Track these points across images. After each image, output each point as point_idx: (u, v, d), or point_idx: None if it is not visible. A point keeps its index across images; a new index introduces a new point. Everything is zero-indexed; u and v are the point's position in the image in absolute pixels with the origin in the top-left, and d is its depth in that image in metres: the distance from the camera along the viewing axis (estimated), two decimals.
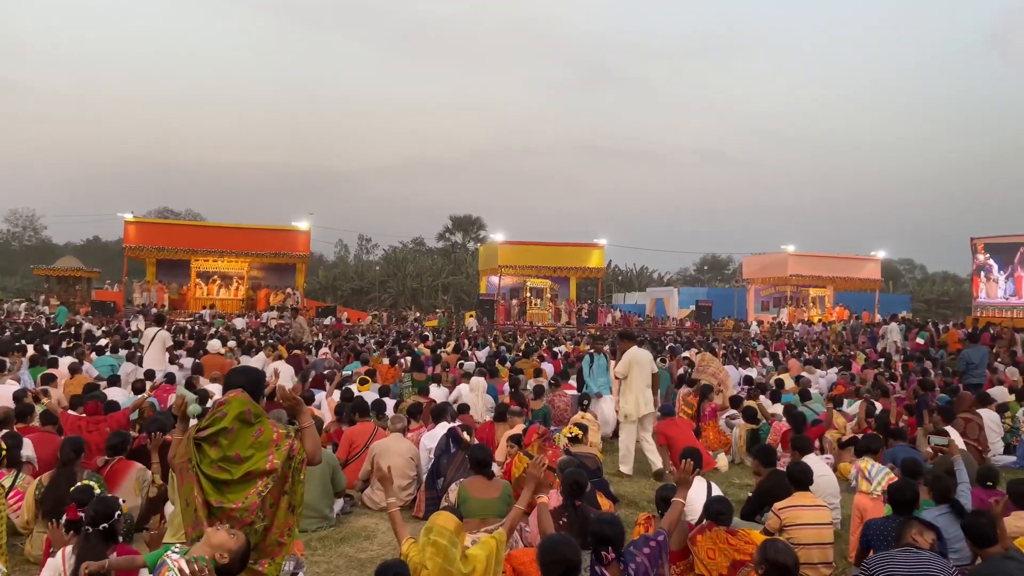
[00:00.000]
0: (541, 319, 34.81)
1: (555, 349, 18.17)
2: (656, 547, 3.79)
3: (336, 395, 9.71)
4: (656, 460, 8.38)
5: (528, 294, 36.32)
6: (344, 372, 11.94)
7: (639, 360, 8.55)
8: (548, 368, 13.66)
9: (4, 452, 5.56)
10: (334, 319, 30.49)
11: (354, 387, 9.97)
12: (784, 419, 8.81)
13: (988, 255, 22.40)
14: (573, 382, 11.81)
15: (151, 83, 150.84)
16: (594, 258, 37.77)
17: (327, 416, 8.99)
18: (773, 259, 37.47)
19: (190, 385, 9.50)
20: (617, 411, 8.85)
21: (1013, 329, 19.37)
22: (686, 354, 16.33)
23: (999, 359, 15.72)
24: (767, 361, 17.11)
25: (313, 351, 15.51)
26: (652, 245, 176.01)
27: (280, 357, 13.08)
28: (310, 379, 11.66)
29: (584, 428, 7.59)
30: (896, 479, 5.58)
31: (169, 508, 5.19)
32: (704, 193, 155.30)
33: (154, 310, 27.24)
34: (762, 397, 10.62)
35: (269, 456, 3.61)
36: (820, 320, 31.69)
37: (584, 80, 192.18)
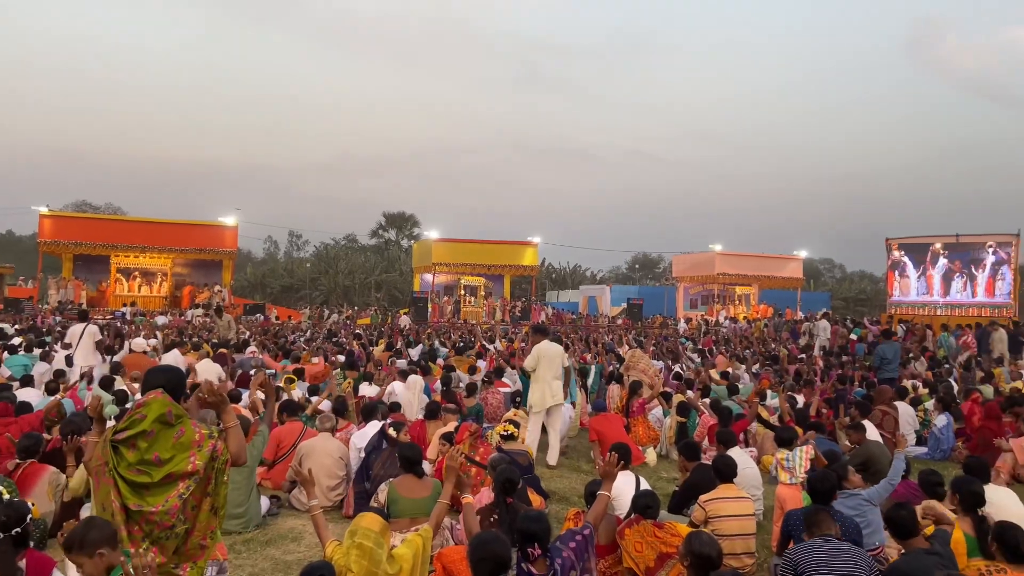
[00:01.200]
0: (475, 317, 34.80)
1: (488, 346, 18.18)
2: (582, 541, 3.83)
3: (260, 394, 9.49)
4: (553, 457, 8.59)
5: (462, 292, 36.26)
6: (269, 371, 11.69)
7: (547, 354, 8.68)
8: (482, 365, 13.67)
9: None
10: (262, 317, 29.79)
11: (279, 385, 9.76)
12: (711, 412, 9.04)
13: (903, 254, 23.46)
14: (507, 379, 11.85)
15: (71, 73, 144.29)
16: (528, 256, 37.98)
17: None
18: (701, 258, 38.38)
19: (107, 384, 9.12)
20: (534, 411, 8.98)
21: (925, 325, 20.35)
22: (619, 350, 16.60)
23: (911, 354, 16.49)
24: (695, 357, 17.50)
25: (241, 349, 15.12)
26: (585, 244, 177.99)
27: (208, 355, 12.71)
28: (236, 377, 11.36)
29: (517, 425, 7.62)
30: (814, 459, 5.80)
31: (85, 513, 4.98)
32: (635, 192, 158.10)
33: (69, 307, 26.07)
34: (689, 392, 10.87)
35: (191, 457, 3.50)
36: (745, 317, 32.62)
37: (517, 79, 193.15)
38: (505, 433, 7.16)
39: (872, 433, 8.26)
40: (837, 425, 9.42)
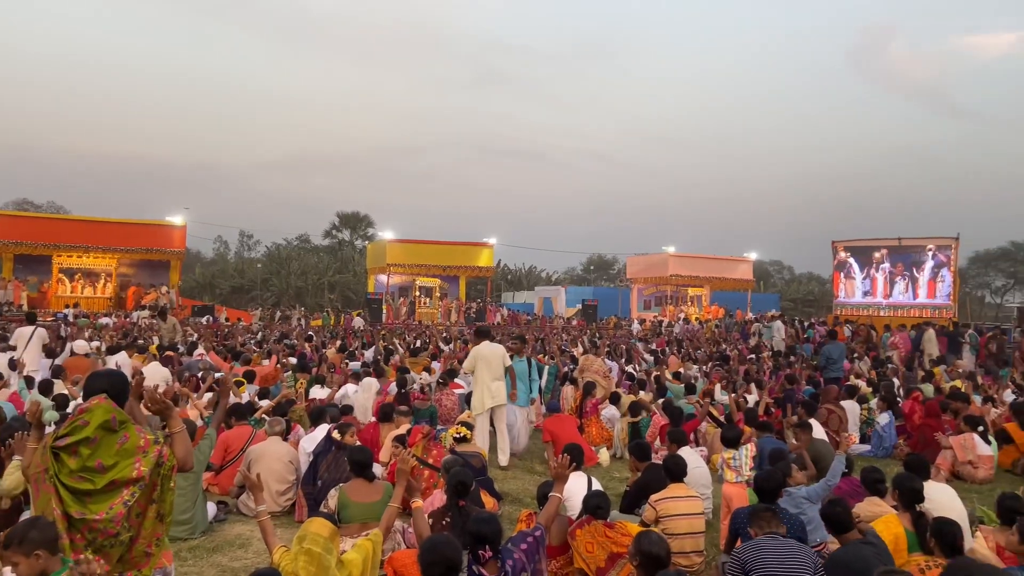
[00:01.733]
0: (431, 318, 34.64)
1: (444, 347, 18.12)
2: (533, 542, 3.85)
3: (207, 397, 9.34)
4: (503, 458, 8.64)
5: (417, 293, 36.06)
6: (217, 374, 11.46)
7: (485, 355, 8.71)
8: (437, 366, 13.61)
9: None
10: (211, 318, 29.19)
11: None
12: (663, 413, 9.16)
13: (848, 256, 24.08)
14: (461, 380, 11.82)
15: (8, 66, 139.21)
16: (484, 257, 37.96)
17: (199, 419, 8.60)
18: (655, 259, 38.85)
19: (46, 389, 8.83)
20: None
21: (869, 326, 20.93)
22: (573, 351, 16.70)
23: (855, 354, 16.94)
24: (648, 357, 17.70)
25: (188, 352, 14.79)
26: (541, 245, 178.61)
27: (155, 358, 12.42)
28: (184, 381, 11.12)
29: (471, 427, 7.61)
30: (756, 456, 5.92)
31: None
32: (591, 194, 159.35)
33: (6, 309, 25.18)
34: (642, 392, 11.01)
35: (136, 464, 3.42)
36: (697, 318, 33.12)
37: (475, 80, 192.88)
38: (458, 435, 7.14)
39: (818, 432, 8.46)
40: (785, 424, 9.63)
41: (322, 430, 7.14)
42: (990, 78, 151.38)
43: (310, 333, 22.13)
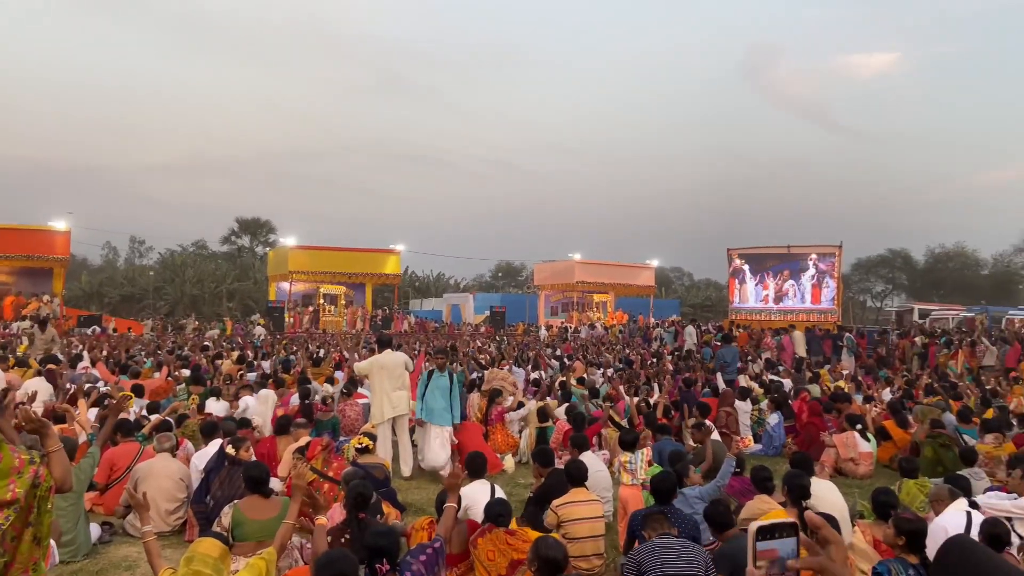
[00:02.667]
0: (335, 327, 33.93)
1: (348, 356, 17.79)
2: (432, 554, 3.82)
3: (94, 412, 8.83)
4: (407, 468, 8.58)
5: (321, 301, 35.25)
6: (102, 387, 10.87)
7: (384, 364, 8.64)
8: (340, 376, 13.33)
9: None
10: (98, 329, 27.64)
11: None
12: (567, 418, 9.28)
13: (743, 263, 25.13)
14: (364, 391, 11.62)
15: None
16: (390, 264, 37.51)
17: (83, 435, 8.11)
18: (561, 266, 39.40)
19: None
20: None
21: (761, 330, 21.89)
22: (480, 359, 16.73)
23: (749, 357, 17.69)
24: (554, 364, 17.92)
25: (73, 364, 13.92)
26: (449, 252, 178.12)
27: (39, 373, 11.63)
28: (67, 395, 10.46)
29: (374, 438, 7.49)
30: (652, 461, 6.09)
31: None
32: (497, 201, 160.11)
33: None
34: (548, 398, 11.12)
35: (10, 485, 3.19)
36: (603, 324, 33.80)
37: (378, 85, 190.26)
38: (360, 446, 7.01)
39: (713, 433, 8.78)
40: (683, 426, 9.94)
41: (214, 445, 6.87)
42: (867, 96, 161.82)
43: (206, 343, 21.29)
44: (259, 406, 9.73)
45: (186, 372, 12.85)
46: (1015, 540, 5.37)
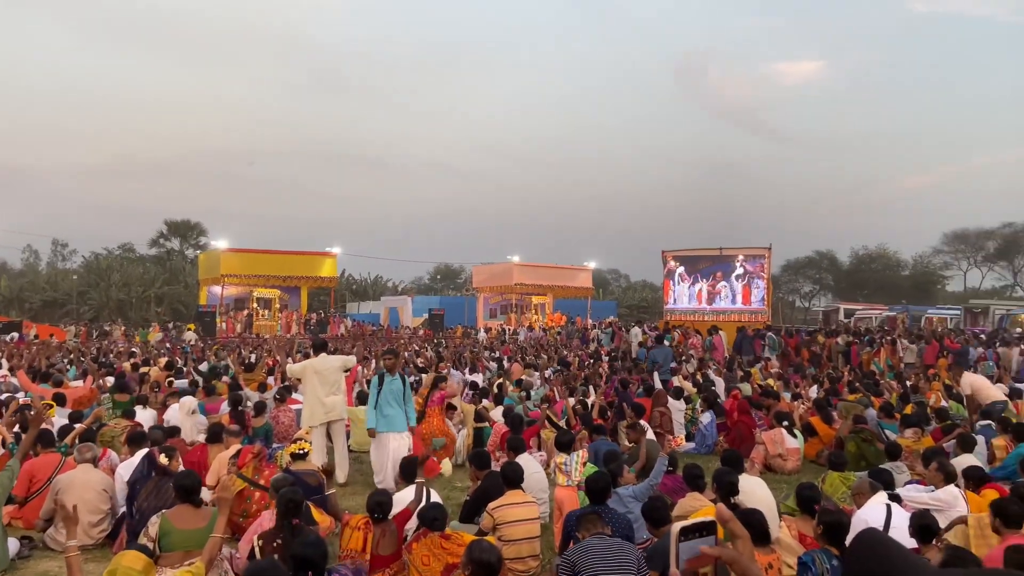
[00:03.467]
0: (270, 331, 33.26)
1: (282, 361, 17.45)
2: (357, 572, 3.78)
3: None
4: (341, 474, 8.46)
5: (255, 305, 34.49)
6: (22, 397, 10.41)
7: (317, 368, 8.52)
8: (273, 382, 13.06)
9: None
10: (17, 336, 26.43)
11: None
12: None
13: (677, 265, 25.65)
14: (299, 396, 11.42)
15: None
16: (326, 267, 36.96)
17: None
18: (500, 269, 39.51)
19: None
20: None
21: (695, 330, 22.37)
22: (418, 362, 16.64)
23: (683, 357, 18.04)
24: (492, 366, 17.96)
25: None
26: (387, 254, 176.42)
27: None
28: None
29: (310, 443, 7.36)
30: (587, 469, 6.15)
31: None
32: (436, 203, 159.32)
33: None
34: (485, 401, 11.13)
35: None
36: (541, 326, 34.02)
37: (315, 85, 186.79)
38: (301, 452, 6.88)
39: (649, 432, 8.93)
40: (620, 427, 10.07)
41: (141, 455, 6.65)
42: (795, 102, 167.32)
43: (133, 350, 20.59)
44: (179, 414, 9.46)
45: (111, 380, 12.40)
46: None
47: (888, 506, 5.32)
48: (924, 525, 4.65)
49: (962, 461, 7.00)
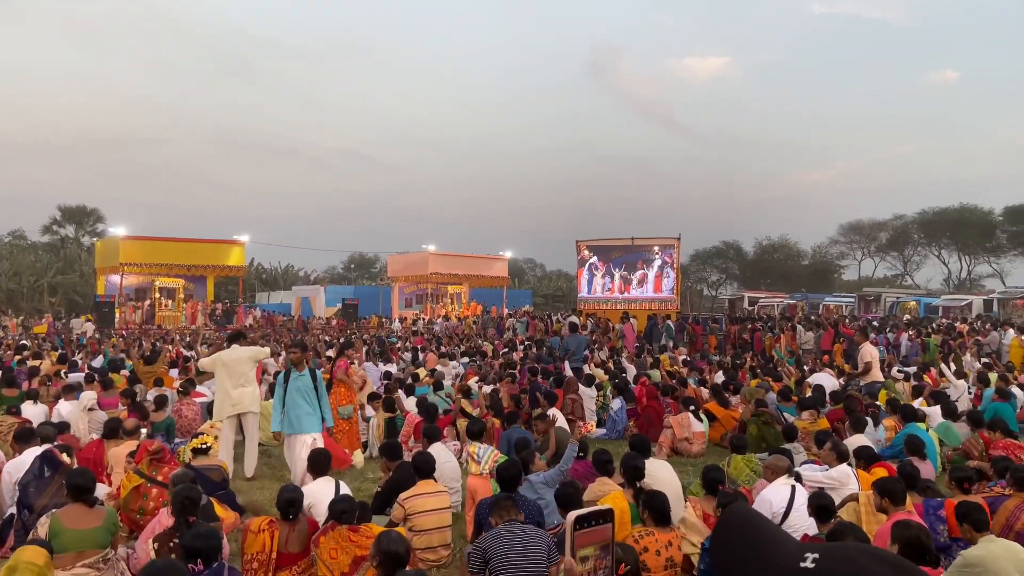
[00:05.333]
0: (173, 321, 31.96)
1: (187, 354, 16.82)
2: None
3: None
4: (250, 468, 8.26)
5: (157, 295, 33.06)
6: None
7: (226, 360, 8.25)
8: (175, 375, 12.57)
9: None
10: None
11: None
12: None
13: (591, 255, 26.02)
14: (204, 389, 11.05)
15: None
16: (234, 255, 35.73)
17: None
18: (415, 258, 39.14)
19: None
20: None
21: (607, 319, 22.80)
22: (330, 353, 16.31)
23: (596, 344, 18.37)
24: (406, 356, 17.81)
25: None
26: (299, 243, 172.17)
27: None
28: None
29: (215, 437, 7.13)
30: (500, 458, 6.17)
31: None
32: (350, 193, 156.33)
33: None
34: (400, 391, 11.02)
35: None
36: (456, 315, 33.95)
37: (217, 71, 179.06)
38: (203, 446, 6.64)
39: (560, 420, 9.05)
40: (533, 415, 10.17)
41: (31, 453, 6.27)
42: (702, 97, 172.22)
43: (24, 342, 19.42)
44: (73, 410, 8.99)
45: None
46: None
47: (793, 487, 5.56)
48: (822, 505, 4.87)
49: (854, 441, 7.40)
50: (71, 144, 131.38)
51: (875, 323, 26.28)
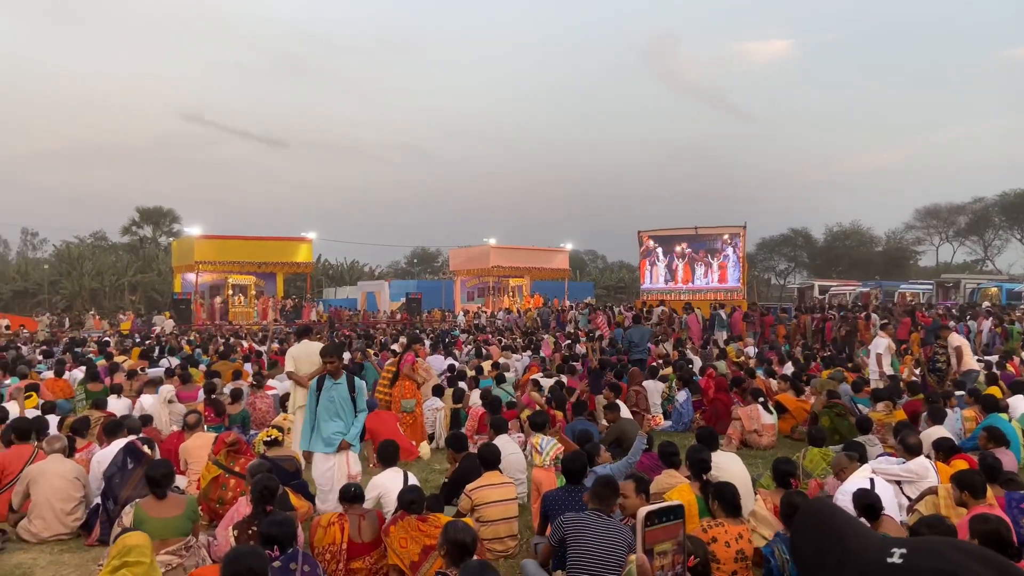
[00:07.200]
0: (246, 318, 32.96)
1: (260, 348, 17.34)
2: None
3: None
4: None
5: (230, 291, 34.14)
6: None
7: (299, 356, 8.15)
8: (249, 368, 12.97)
9: None
10: None
11: (11, 405, 8.63)
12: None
13: (654, 245, 25.75)
14: (275, 382, 11.36)
15: None
16: (302, 252, 36.60)
17: None
18: (476, 251, 39.37)
19: None
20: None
21: (671, 310, 22.51)
22: (394, 347, 16.57)
23: (659, 336, 18.16)
24: (470, 349, 17.95)
25: None
26: (363, 239, 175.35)
27: None
28: None
29: (283, 429, 7.33)
30: (563, 450, 6.18)
31: None
32: (410, 188, 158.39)
33: None
34: (461, 383, 11.12)
35: None
36: (518, 309, 34.03)
37: (274, 69, 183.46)
38: (269, 439, 6.84)
39: (625, 411, 8.99)
40: (597, 405, 10.13)
41: (117, 445, 6.57)
42: (763, 82, 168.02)
43: (106, 339, 20.33)
44: (155, 403, 9.37)
45: (79, 372, 12.15)
46: (904, 502, 5.74)
47: (872, 480, 5.40)
48: (868, 504, 4.70)
49: (932, 433, 7.13)
50: (143, 146, 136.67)
51: (955, 311, 25.22)
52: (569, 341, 18.42)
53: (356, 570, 4.63)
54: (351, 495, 4.90)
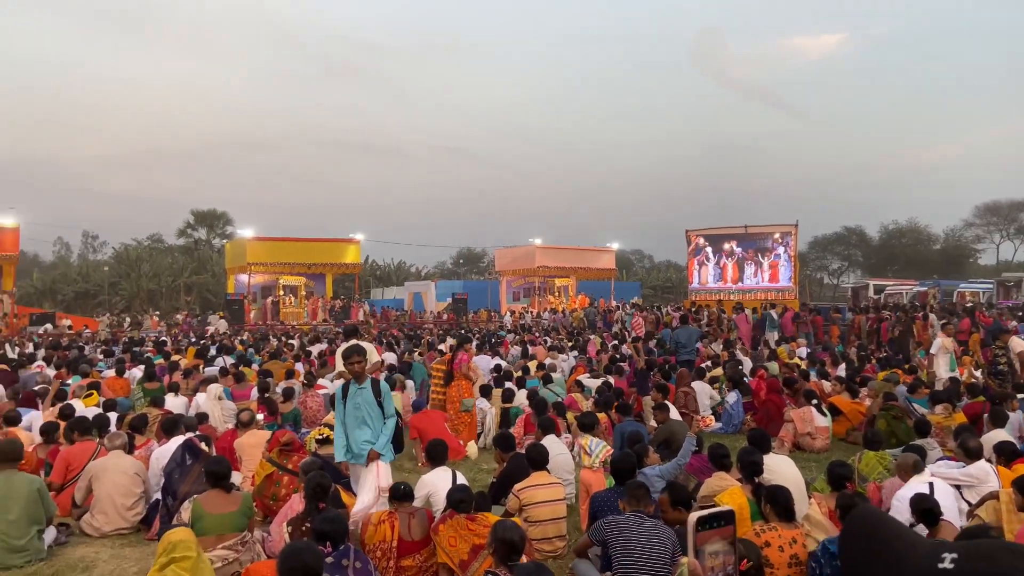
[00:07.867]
0: (296, 318, 33.57)
1: (309, 348, 17.63)
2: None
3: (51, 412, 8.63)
4: None
5: (281, 292, 34.82)
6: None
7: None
8: (301, 368, 13.20)
9: None
10: (51, 327, 26.95)
11: (77, 403, 8.94)
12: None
13: (704, 244, 25.42)
14: (324, 382, 11.53)
15: None
16: (350, 253, 37.16)
17: (38, 438, 7.92)
18: (522, 252, 39.39)
19: None
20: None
21: (720, 310, 22.20)
22: (441, 347, 16.69)
23: (707, 337, 17.91)
24: (516, 349, 17.97)
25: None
26: (409, 240, 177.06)
27: None
28: (20, 396, 10.20)
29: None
30: (612, 451, 6.14)
31: None
32: (456, 189, 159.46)
33: None
34: (507, 383, 11.14)
35: None
36: (563, 309, 33.94)
37: (322, 73, 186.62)
38: (321, 437, 6.96)
39: (674, 412, 8.89)
40: (645, 406, 10.05)
41: (175, 442, 6.76)
42: (815, 77, 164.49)
43: (163, 339, 20.91)
44: (207, 401, 9.62)
45: (138, 371, 12.53)
46: (964, 507, 5.56)
47: (931, 484, 5.25)
48: (926, 509, 4.57)
49: (994, 436, 6.90)
50: (196, 151, 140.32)
51: (1019, 312, 24.31)
52: (616, 341, 18.31)
53: (406, 567, 4.68)
54: (401, 493, 4.95)
